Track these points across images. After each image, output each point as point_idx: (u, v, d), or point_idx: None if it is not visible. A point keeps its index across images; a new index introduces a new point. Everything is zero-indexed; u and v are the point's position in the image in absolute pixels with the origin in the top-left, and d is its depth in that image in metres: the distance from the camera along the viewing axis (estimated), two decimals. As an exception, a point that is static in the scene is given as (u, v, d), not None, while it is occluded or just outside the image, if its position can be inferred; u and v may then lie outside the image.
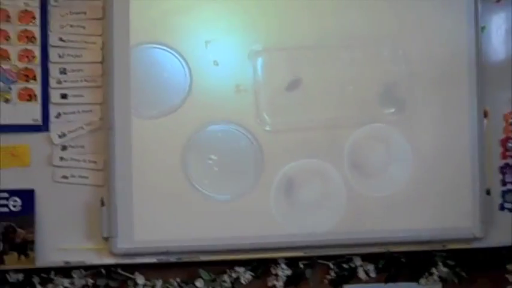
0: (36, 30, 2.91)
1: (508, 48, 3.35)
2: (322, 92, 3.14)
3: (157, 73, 3.01)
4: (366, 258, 3.25)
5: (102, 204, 2.93)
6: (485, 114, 3.30)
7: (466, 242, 3.28)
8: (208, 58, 3.04)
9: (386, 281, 3.28)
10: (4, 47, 2.88)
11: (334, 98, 3.15)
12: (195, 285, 3.06)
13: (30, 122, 2.90)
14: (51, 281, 2.94)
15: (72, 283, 2.95)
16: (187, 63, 3.02)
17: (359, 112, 3.17)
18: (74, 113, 2.94)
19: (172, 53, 3.01)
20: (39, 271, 2.93)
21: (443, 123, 3.26)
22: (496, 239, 3.29)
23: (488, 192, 3.29)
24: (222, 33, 3.06)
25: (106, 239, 2.93)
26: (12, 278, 2.89)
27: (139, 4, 2.98)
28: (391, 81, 3.21)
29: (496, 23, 3.36)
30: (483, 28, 3.31)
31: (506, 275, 3.36)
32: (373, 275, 3.25)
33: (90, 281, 2.97)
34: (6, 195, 2.86)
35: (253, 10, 3.08)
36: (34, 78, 2.90)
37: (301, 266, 3.18)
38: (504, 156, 3.35)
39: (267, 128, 3.08)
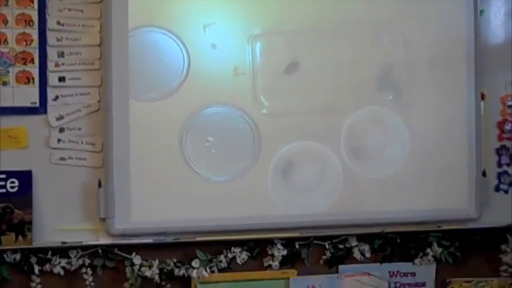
0: (34, 14, 2.89)
1: (507, 31, 3.35)
2: (320, 75, 3.15)
3: (155, 56, 3.01)
4: (362, 238, 3.27)
5: (100, 185, 2.95)
6: (483, 97, 3.31)
7: (461, 223, 3.31)
8: (207, 41, 3.04)
9: (381, 261, 3.31)
10: (2, 30, 2.87)
11: (332, 82, 3.16)
12: (191, 265, 3.08)
13: (28, 105, 2.90)
14: (48, 261, 2.96)
15: (69, 263, 2.97)
16: (185, 47, 3.02)
17: (356, 96, 3.18)
18: (71, 95, 2.94)
19: (170, 36, 3.00)
20: (36, 251, 2.94)
21: (441, 106, 3.27)
22: (491, 220, 3.33)
23: (484, 174, 3.31)
24: (220, 17, 3.05)
25: (103, 219, 2.95)
26: (10, 258, 2.91)
27: (138, -13, 2.98)
28: (389, 65, 3.21)
29: (495, 6, 3.35)
30: (482, 11, 3.31)
31: (500, 255, 3.39)
32: (368, 255, 3.28)
33: (87, 261, 2.99)
34: (3, 176, 2.86)
35: (251, -6, 3.09)
36: (32, 62, 2.90)
37: (297, 246, 3.20)
38: (500, 138, 3.36)
39: (264, 111, 3.09)
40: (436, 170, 3.27)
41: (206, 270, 3.09)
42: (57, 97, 2.94)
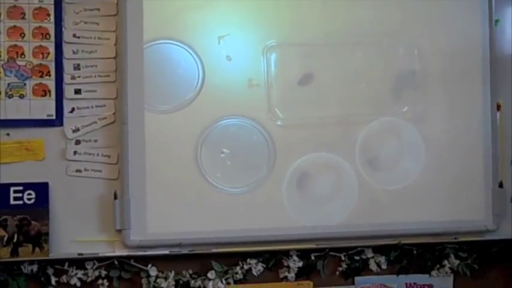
0: (50, 27, 2.93)
1: (522, 41, 3.36)
2: (334, 87, 3.16)
3: (170, 68, 3.03)
4: (378, 250, 3.26)
5: (116, 197, 2.97)
6: (498, 108, 3.30)
7: (478, 234, 3.29)
8: (221, 53, 3.06)
9: (397, 273, 3.29)
10: (19, 43, 2.91)
11: (346, 93, 3.17)
12: (207, 276, 3.09)
13: (45, 117, 2.94)
14: (65, 272, 2.98)
15: (85, 274, 2.99)
16: (200, 59, 3.04)
17: (371, 107, 3.19)
18: (87, 107, 2.97)
19: (185, 49, 3.03)
20: (53, 262, 2.97)
21: (456, 117, 3.27)
22: (508, 231, 3.31)
23: (500, 185, 3.30)
24: (235, 29, 3.08)
25: (119, 231, 2.97)
26: (27, 269, 2.94)
27: (153, 0, 3.00)
28: (403, 76, 3.22)
29: (510, 16, 3.35)
30: (497, 21, 3.31)
31: (518, 267, 3.37)
32: (384, 266, 3.27)
33: (104, 273, 3.01)
34: (20, 188, 2.90)
35: (266, 6, 3.10)
36: (48, 74, 2.93)
37: (313, 258, 3.20)
38: (517, 149, 3.35)
39: (279, 123, 3.10)
40: (452, 181, 3.26)
41: (222, 282, 3.10)
42: (73, 109, 2.97)
